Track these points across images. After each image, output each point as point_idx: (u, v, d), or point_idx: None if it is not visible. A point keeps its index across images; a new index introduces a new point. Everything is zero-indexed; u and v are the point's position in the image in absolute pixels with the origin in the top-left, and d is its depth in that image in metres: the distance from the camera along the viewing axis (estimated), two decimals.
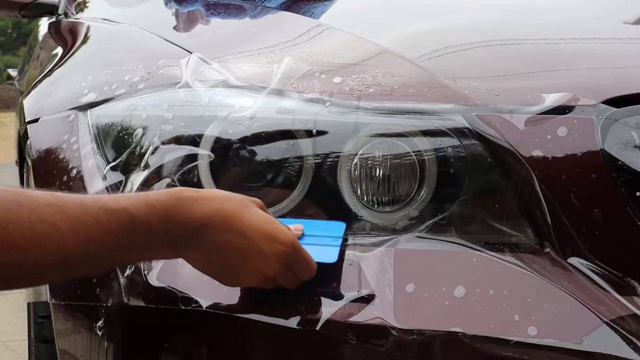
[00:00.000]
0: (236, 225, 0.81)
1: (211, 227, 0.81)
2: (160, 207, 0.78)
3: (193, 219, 0.80)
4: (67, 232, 0.72)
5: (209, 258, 0.83)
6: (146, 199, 0.78)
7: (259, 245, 0.82)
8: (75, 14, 2.03)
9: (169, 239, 0.80)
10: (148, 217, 0.77)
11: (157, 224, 0.78)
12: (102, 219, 0.74)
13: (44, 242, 0.71)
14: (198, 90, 1.06)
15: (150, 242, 0.79)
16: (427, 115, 0.95)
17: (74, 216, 0.73)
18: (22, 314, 1.96)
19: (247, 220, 0.82)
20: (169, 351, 0.91)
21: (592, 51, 1.13)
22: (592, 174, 0.90)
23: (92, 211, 0.74)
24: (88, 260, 0.76)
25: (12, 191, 0.70)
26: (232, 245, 0.82)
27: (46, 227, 0.71)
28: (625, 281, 0.88)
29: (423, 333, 0.83)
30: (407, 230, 0.93)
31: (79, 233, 0.73)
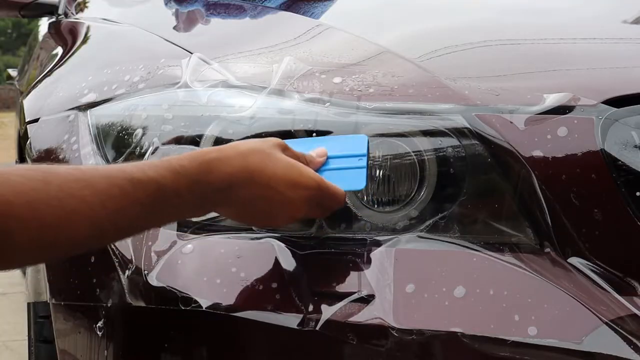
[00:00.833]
0: (261, 179, 0.84)
1: (237, 185, 0.83)
2: (185, 172, 0.79)
3: (218, 180, 0.82)
4: (97, 206, 0.73)
5: (239, 210, 0.86)
6: (170, 166, 0.79)
7: (285, 194, 0.85)
8: (75, 14, 2.03)
9: (197, 201, 0.82)
10: (175, 184, 0.79)
11: (184, 190, 0.79)
12: (129, 190, 0.75)
13: (75, 217, 0.71)
14: (197, 90, 1.06)
15: (179, 207, 0.81)
16: (427, 115, 0.95)
17: (102, 189, 0.74)
18: (22, 314, 1.96)
19: (271, 171, 0.84)
20: (169, 351, 0.91)
21: (592, 51, 1.13)
22: (592, 174, 0.90)
23: (119, 182, 0.75)
24: (119, 230, 0.78)
25: (39, 170, 0.72)
26: (260, 198, 0.84)
27: (75, 202, 0.71)
28: (625, 281, 0.88)
29: (423, 333, 0.83)
30: (407, 230, 0.93)
31: (108, 206, 0.74)
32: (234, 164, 0.82)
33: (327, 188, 0.88)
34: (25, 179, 0.69)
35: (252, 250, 0.92)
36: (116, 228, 0.77)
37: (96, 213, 0.73)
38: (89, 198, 0.72)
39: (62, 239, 0.72)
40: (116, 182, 0.75)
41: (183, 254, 0.93)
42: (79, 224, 0.72)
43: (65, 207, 0.71)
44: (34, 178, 0.70)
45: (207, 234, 0.95)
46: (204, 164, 0.81)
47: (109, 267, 0.96)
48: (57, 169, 0.73)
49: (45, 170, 0.71)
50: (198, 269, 0.92)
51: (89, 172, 0.75)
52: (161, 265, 0.92)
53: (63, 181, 0.71)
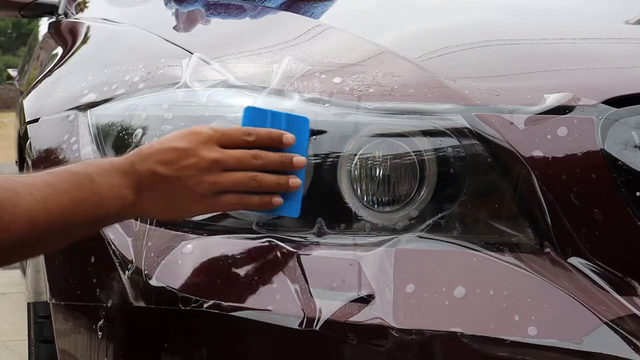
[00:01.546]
0: (152, 147, 0.88)
1: (135, 161, 0.86)
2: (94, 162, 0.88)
3: (120, 161, 0.86)
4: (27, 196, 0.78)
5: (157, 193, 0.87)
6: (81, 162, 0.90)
7: (177, 147, 0.87)
8: (75, 14, 2.03)
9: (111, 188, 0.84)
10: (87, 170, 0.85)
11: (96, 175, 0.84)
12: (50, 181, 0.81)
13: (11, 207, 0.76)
14: (197, 90, 1.06)
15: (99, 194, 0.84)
16: (427, 115, 0.95)
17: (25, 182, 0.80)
18: (22, 314, 1.95)
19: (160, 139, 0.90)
20: (169, 351, 0.91)
21: (592, 51, 1.13)
22: (592, 174, 0.90)
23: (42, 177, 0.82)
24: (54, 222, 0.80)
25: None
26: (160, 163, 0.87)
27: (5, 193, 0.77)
28: (625, 281, 0.88)
29: (423, 333, 0.83)
30: (407, 230, 0.93)
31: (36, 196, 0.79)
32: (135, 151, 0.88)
33: (222, 128, 0.89)
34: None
35: (252, 250, 0.92)
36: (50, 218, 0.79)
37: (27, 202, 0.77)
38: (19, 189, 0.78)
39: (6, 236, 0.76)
40: (38, 178, 0.81)
41: (183, 254, 0.93)
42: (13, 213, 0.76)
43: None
44: None
45: (207, 234, 0.95)
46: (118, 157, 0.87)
47: (109, 267, 0.96)
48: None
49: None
50: (198, 269, 0.92)
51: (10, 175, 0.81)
52: (161, 265, 0.92)
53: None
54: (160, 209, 0.88)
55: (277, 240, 0.92)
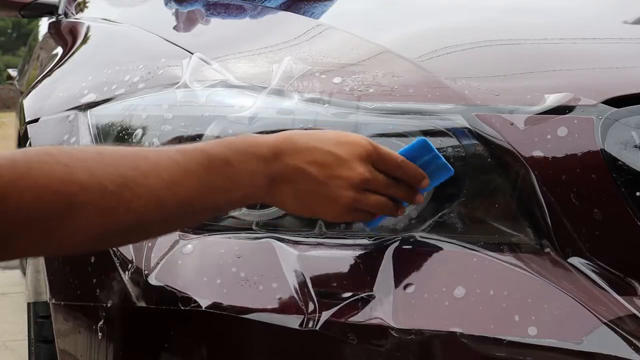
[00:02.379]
0: (307, 143, 0.83)
1: (282, 153, 0.82)
2: (230, 144, 0.81)
3: (264, 149, 0.82)
4: (152, 174, 0.74)
5: (297, 189, 0.84)
6: (215, 140, 0.82)
7: (335, 153, 0.83)
8: (75, 14, 2.03)
9: (249, 174, 0.81)
10: (222, 153, 0.79)
11: (233, 159, 0.79)
12: (180, 160, 0.76)
13: (132, 184, 0.72)
14: (197, 90, 1.06)
15: (233, 180, 0.80)
16: (427, 115, 0.95)
17: (153, 159, 0.75)
18: (22, 314, 1.95)
19: (316, 136, 0.85)
20: (169, 351, 0.91)
21: (592, 51, 1.13)
22: (592, 174, 0.90)
23: (169, 154, 0.77)
24: (180, 203, 0.77)
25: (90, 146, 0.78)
26: (312, 163, 0.83)
27: (130, 170, 0.73)
28: (625, 281, 0.88)
29: (423, 333, 0.83)
30: (407, 230, 0.93)
31: (163, 175, 0.75)
32: (276, 136, 0.83)
33: (379, 146, 0.85)
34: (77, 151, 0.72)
35: (252, 250, 0.92)
36: (177, 200, 0.76)
37: (152, 182, 0.74)
38: (143, 167, 0.73)
39: (122, 207, 0.72)
40: (166, 154, 0.76)
41: (183, 254, 0.93)
42: (137, 192, 0.73)
43: (121, 174, 0.72)
44: (86, 150, 0.73)
45: (207, 234, 0.95)
46: (247, 137, 0.82)
47: (109, 267, 0.96)
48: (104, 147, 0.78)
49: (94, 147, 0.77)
50: (198, 269, 0.92)
51: (136, 148, 0.78)
52: (161, 265, 0.92)
53: (115, 153, 0.73)
54: (294, 205, 0.85)
55: (277, 240, 0.92)
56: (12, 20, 23.86)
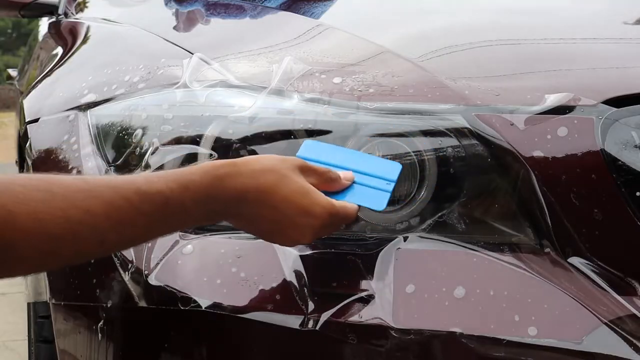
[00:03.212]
0: (270, 200, 0.82)
1: (245, 201, 0.81)
2: (194, 187, 0.78)
3: (227, 197, 0.80)
4: (101, 217, 0.72)
5: (245, 224, 0.85)
6: (179, 179, 0.78)
7: (293, 220, 0.83)
8: (75, 14, 2.03)
9: (203, 214, 0.81)
10: (182, 198, 0.77)
11: (191, 204, 0.78)
12: (135, 201, 0.74)
13: (79, 228, 0.71)
14: (197, 90, 1.06)
15: (184, 220, 0.80)
16: (427, 115, 0.95)
17: (107, 200, 0.73)
18: (22, 314, 1.96)
19: (282, 195, 0.82)
20: (169, 351, 0.91)
21: (592, 51, 1.13)
22: (592, 174, 0.90)
23: (125, 193, 0.74)
24: (123, 240, 0.77)
25: (42, 179, 0.70)
26: (267, 218, 0.83)
27: (79, 213, 0.70)
28: (625, 281, 0.88)
29: (423, 333, 0.83)
30: (407, 231, 0.93)
31: (112, 217, 0.73)
32: (246, 181, 0.81)
33: (337, 214, 0.85)
34: (27, 189, 0.68)
35: (252, 250, 0.92)
36: (120, 238, 0.76)
37: (100, 224, 0.72)
38: (94, 209, 0.71)
39: (65, 249, 0.71)
40: (122, 193, 0.74)
41: (183, 254, 0.93)
42: (83, 235, 0.71)
43: (69, 218, 0.70)
44: (37, 188, 0.69)
45: (207, 233, 0.95)
46: (215, 179, 0.79)
47: (109, 267, 0.96)
48: (60, 178, 0.72)
49: (50, 181, 0.70)
50: (198, 269, 0.92)
51: (94, 182, 0.74)
52: (161, 265, 0.92)
53: (67, 191, 0.70)
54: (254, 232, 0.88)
55: None
56: (12, 20, 23.87)
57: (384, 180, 0.91)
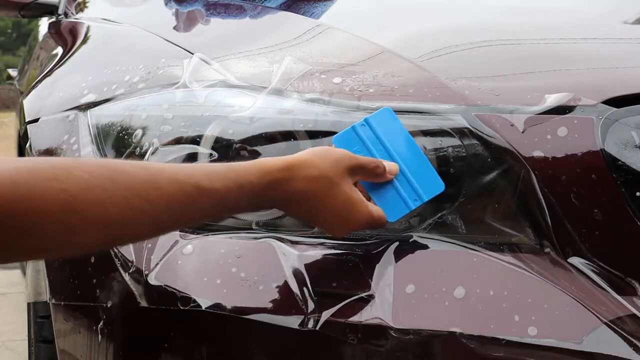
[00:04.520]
0: (318, 205, 0.86)
1: (294, 202, 0.86)
2: (250, 188, 0.81)
3: (279, 197, 0.84)
4: (162, 208, 0.74)
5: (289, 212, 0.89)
6: (237, 179, 0.80)
7: (333, 223, 0.88)
8: (75, 14, 2.03)
9: (252, 208, 0.87)
10: (238, 197, 0.81)
11: (245, 203, 0.83)
12: (194, 196, 0.77)
13: (141, 217, 0.73)
14: (196, 90, 1.06)
15: (235, 213, 0.90)
16: (427, 115, 0.95)
17: (168, 193, 0.75)
18: (22, 314, 1.96)
19: (330, 203, 0.86)
20: (169, 351, 0.91)
21: (592, 51, 1.13)
22: (592, 174, 0.90)
23: (186, 188, 0.76)
24: (178, 228, 0.86)
25: (106, 167, 0.72)
26: (310, 214, 0.88)
27: (142, 203, 0.72)
28: (625, 281, 0.88)
29: (423, 333, 0.83)
30: (408, 230, 0.93)
31: (173, 209, 0.75)
32: (298, 186, 0.84)
33: (372, 223, 0.89)
34: (91, 176, 0.69)
35: (252, 250, 0.92)
36: (176, 226, 0.83)
37: (161, 214, 0.75)
38: (156, 200, 0.74)
39: (125, 235, 0.74)
40: (183, 187, 0.76)
41: (183, 254, 0.93)
42: (144, 224, 0.74)
43: (132, 207, 0.72)
44: (100, 175, 0.70)
45: (207, 233, 0.95)
46: (271, 182, 0.83)
47: (109, 267, 0.96)
48: (123, 166, 0.73)
49: (111, 168, 0.72)
50: (198, 269, 0.92)
51: (155, 172, 0.75)
52: (161, 265, 0.92)
53: (130, 181, 0.72)
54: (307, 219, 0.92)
55: (277, 240, 0.92)
56: (12, 20, 23.87)
57: (415, 194, 0.91)
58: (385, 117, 0.93)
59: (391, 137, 0.92)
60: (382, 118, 0.92)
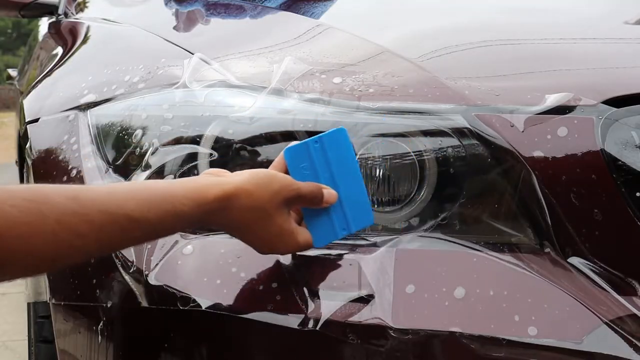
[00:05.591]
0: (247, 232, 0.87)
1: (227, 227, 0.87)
2: (184, 217, 0.80)
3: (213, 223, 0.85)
4: (92, 240, 0.74)
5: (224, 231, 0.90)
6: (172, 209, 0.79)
7: (259, 246, 0.88)
8: (75, 14, 2.03)
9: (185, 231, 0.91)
10: (173, 225, 0.81)
11: (180, 229, 0.84)
12: (126, 227, 0.76)
13: (69, 250, 0.72)
14: (196, 90, 1.06)
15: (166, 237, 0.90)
16: (427, 115, 0.95)
17: (99, 225, 0.74)
18: (22, 314, 1.96)
19: (259, 232, 0.86)
20: (169, 351, 0.91)
21: (592, 51, 1.13)
22: (592, 174, 0.90)
23: (117, 219, 0.75)
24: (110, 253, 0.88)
25: (34, 200, 0.70)
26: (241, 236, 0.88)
27: (71, 237, 0.72)
28: (626, 281, 0.88)
29: (423, 333, 0.83)
30: (408, 230, 0.93)
31: (103, 240, 0.75)
32: (231, 215, 0.84)
33: (298, 249, 0.90)
34: (19, 212, 0.68)
35: (252, 250, 0.92)
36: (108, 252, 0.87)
37: (90, 246, 0.74)
38: (86, 233, 0.73)
39: (52, 267, 0.74)
40: (115, 219, 0.75)
41: (183, 255, 0.93)
42: (71, 256, 0.73)
43: (61, 241, 0.71)
44: (29, 211, 0.69)
45: (207, 233, 0.95)
46: (206, 212, 0.82)
47: (109, 268, 0.96)
48: (53, 198, 0.72)
49: (40, 201, 0.70)
50: (198, 269, 0.92)
51: (88, 204, 0.74)
52: (161, 265, 0.92)
53: (59, 214, 0.71)
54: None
55: None
56: (12, 20, 23.87)
57: (346, 223, 0.91)
58: (339, 137, 0.91)
59: (339, 160, 0.91)
60: (336, 138, 0.91)
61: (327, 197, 0.90)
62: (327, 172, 0.91)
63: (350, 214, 0.91)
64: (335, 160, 0.91)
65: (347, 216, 0.91)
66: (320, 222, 0.91)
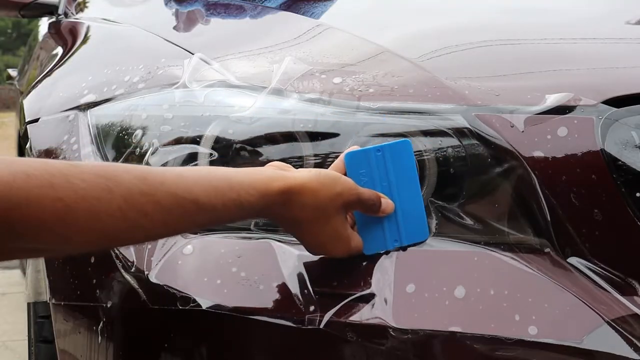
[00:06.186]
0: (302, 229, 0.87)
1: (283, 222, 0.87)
2: (249, 208, 0.81)
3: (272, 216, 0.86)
4: (158, 222, 0.74)
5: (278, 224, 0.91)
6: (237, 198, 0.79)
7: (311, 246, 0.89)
8: (75, 14, 2.03)
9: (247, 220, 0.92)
10: (235, 215, 0.81)
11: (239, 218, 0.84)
12: (191, 212, 0.76)
13: (135, 229, 0.72)
14: (195, 90, 1.06)
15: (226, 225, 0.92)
16: (427, 115, 0.95)
17: (166, 207, 0.74)
18: (22, 314, 1.96)
19: (314, 232, 0.87)
20: (169, 351, 0.91)
21: (592, 51, 1.13)
22: (592, 174, 0.90)
23: (184, 203, 0.75)
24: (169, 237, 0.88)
25: (103, 176, 0.70)
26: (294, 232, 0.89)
27: (138, 216, 0.72)
28: (626, 281, 0.88)
29: (423, 333, 0.83)
30: None
31: (169, 222, 0.75)
32: (291, 211, 0.84)
33: (348, 254, 0.89)
34: (88, 185, 0.68)
35: (252, 250, 0.92)
36: (168, 236, 0.84)
37: (156, 228, 0.74)
38: (152, 214, 0.73)
39: (118, 243, 0.77)
40: (181, 203, 0.75)
41: (183, 254, 0.93)
42: (137, 236, 0.74)
43: (128, 219, 0.71)
44: (98, 186, 0.69)
45: (207, 233, 0.95)
46: (269, 204, 0.82)
47: (109, 267, 0.96)
48: (121, 176, 0.71)
49: (109, 177, 0.70)
50: (198, 268, 0.92)
51: (155, 186, 0.74)
52: (161, 265, 0.92)
53: (127, 192, 0.71)
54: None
55: (277, 240, 0.92)
56: (12, 20, 23.87)
57: (398, 234, 0.91)
58: (402, 148, 0.91)
59: (399, 171, 0.91)
60: (399, 149, 0.91)
61: (385, 207, 0.90)
62: (385, 181, 0.91)
63: (404, 226, 0.91)
64: (395, 170, 0.91)
65: (400, 228, 0.91)
66: (372, 230, 0.91)
